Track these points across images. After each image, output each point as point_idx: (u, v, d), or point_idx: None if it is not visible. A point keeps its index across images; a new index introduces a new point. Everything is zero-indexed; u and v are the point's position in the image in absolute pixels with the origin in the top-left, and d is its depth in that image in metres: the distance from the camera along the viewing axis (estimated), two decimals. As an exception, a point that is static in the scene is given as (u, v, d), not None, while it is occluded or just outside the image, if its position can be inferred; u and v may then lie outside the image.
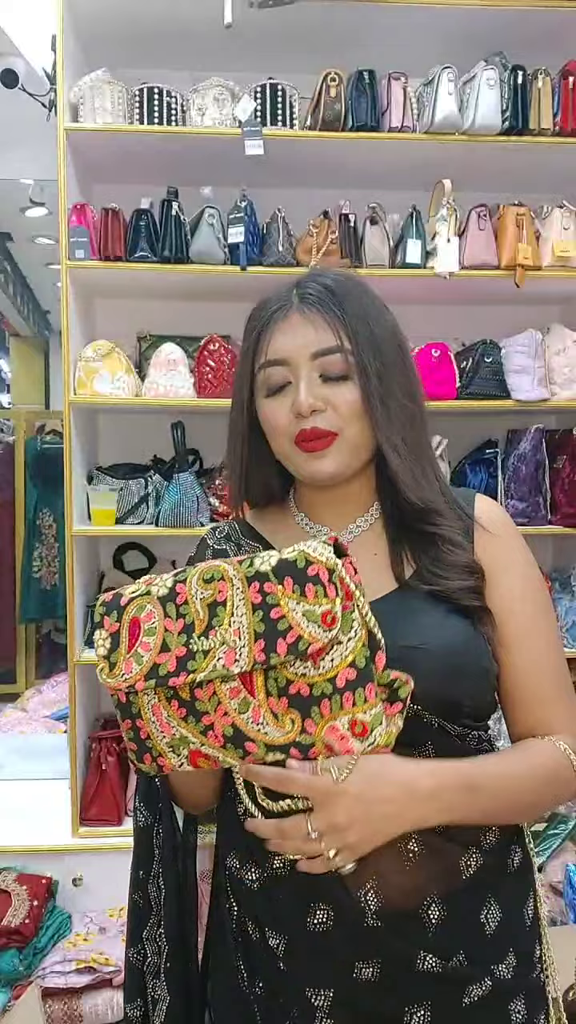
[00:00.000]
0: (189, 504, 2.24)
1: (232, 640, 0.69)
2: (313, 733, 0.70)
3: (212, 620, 0.71)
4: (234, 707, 0.71)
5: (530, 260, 2.23)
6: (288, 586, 0.69)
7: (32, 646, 3.76)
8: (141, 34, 2.27)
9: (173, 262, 2.20)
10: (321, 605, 0.68)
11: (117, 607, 0.75)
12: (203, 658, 0.70)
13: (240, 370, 0.95)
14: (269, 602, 0.69)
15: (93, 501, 2.32)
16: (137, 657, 0.73)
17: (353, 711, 0.69)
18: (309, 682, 0.69)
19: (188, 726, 0.73)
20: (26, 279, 4.27)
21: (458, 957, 0.84)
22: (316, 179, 2.40)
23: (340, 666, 0.69)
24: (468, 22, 2.21)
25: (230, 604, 0.70)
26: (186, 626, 0.71)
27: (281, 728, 0.70)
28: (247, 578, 0.71)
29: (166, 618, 0.72)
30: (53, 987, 1.96)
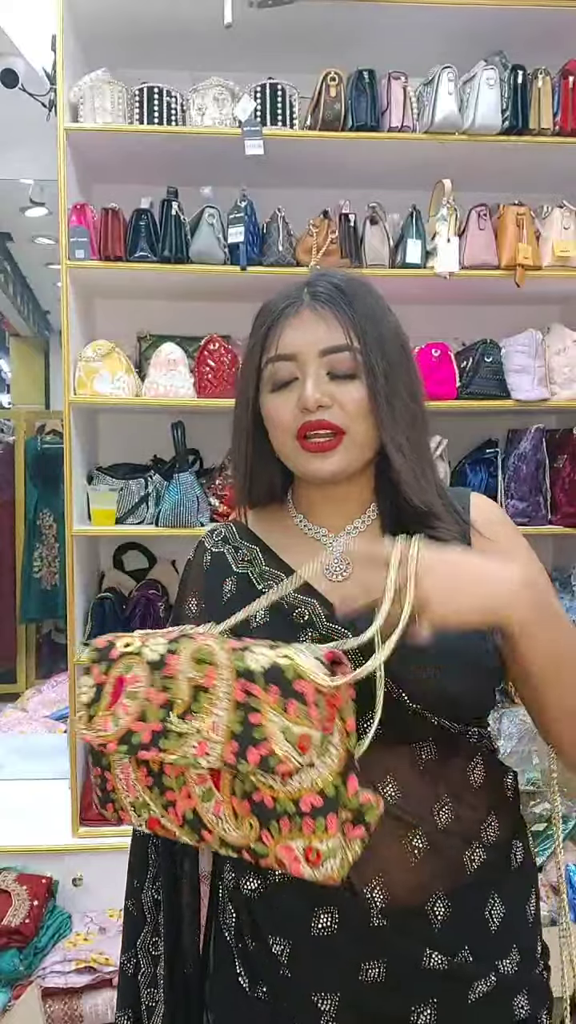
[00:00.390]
0: (189, 504, 2.24)
1: (208, 733, 0.68)
2: (268, 845, 0.68)
3: (193, 704, 0.69)
4: (198, 793, 0.70)
5: (530, 260, 2.23)
6: (273, 695, 0.67)
7: (32, 646, 3.76)
8: (141, 34, 2.27)
9: (173, 262, 2.20)
10: (300, 725, 0.66)
11: (107, 659, 0.74)
12: (176, 740, 0.69)
13: (246, 365, 0.95)
14: (251, 705, 0.67)
15: (93, 501, 2.32)
16: (115, 717, 0.72)
17: (310, 838, 0.66)
18: (273, 795, 0.67)
19: (152, 795, 0.72)
20: (26, 279, 4.27)
21: (463, 954, 0.84)
22: (316, 179, 2.40)
23: (306, 790, 0.67)
24: (468, 22, 2.21)
25: (214, 694, 0.68)
26: (168, 702, 0.70)
27: (239, 829, 0.69)
28: (237, 671, 0.69)
29: (151, 687, 0.71)
30: (53, 987, 1.96)
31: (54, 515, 3.51)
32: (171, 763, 0.70)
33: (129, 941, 1.00)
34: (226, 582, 0.97)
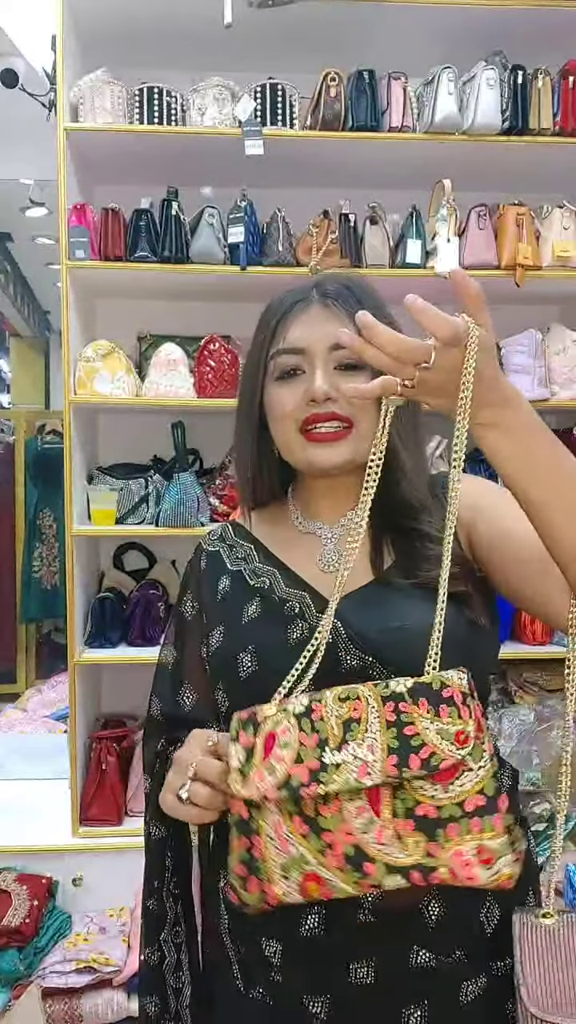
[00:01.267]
0: (189, 504, 2.24)
1: (365, 754, 0.70)
2: (437, 856, 0.69)
3: (346, 735, 0.72)
4: (358, 825, 0.71)
5: (530, 260, 2.23)
6: (423, 706, 0.70)
7: (32, 646, 3.76)
8: (141, 34, 2.27)
9: (173, 262, 2.20)
10: (455, 724, 0.69)
11: (254, 723, 0.76)
12: (335, 771, 0.71)
13: (251, 358, 0.97)
14: (403, 720, 0.70)
15: (93, 501, 2.32)
16: (271, 768, 0.73)
17: (481, 836, 0.68)
18: (437, 804, 0.69)
19: (307, 844, 0.73)
20: (26, 279, 4.27)
21: (455, 955, 0.84)
22: (316, 179, 2.40)
23: (470, 791, 0.69)
24: (468, 22, 2.21)
25: (364, 721, 0.71)
26: (320, 740, 0.72)
27: (404, 850, 0.70)
28: (382, 698, 0.72)
29: (301, 732, 0.73)
30: (53, 987, 1.96)
31: (54, 515, 3.51)
32: (329, 797, 0.71)
33: (151, 937, 1.02)
34: (221, 580, 0.99)
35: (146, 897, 1.03)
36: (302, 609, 0.91)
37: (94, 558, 2.58)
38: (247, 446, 0.98)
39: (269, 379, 0.94)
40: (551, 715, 2.29)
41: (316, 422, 0.89)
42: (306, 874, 0.72)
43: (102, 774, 2.29)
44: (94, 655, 2.29)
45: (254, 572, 0.97)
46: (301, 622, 0.90)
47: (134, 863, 2.38)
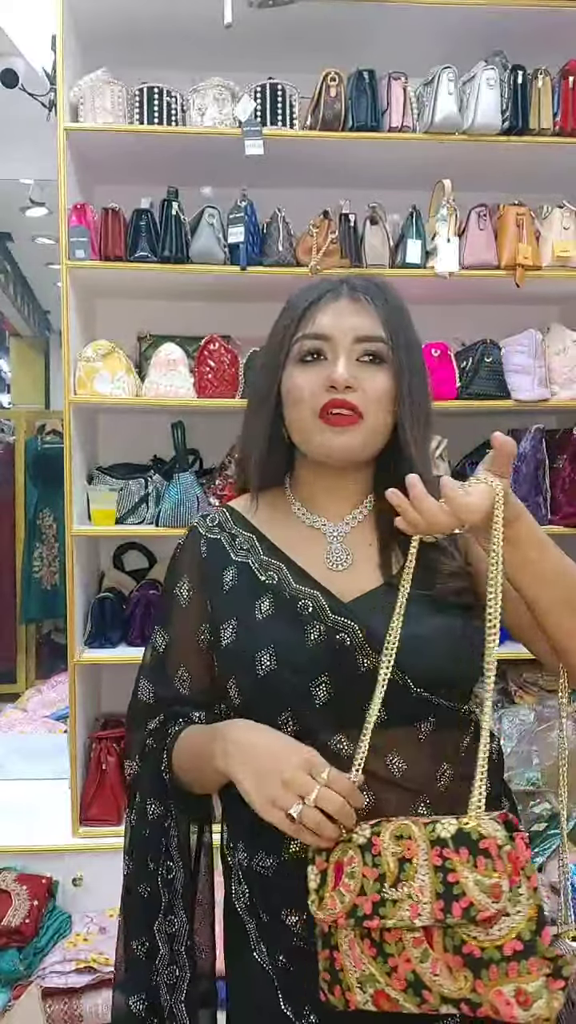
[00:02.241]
0: (189, 504, 2.24)
1: (416, 896, 0.76)
2: (482, 993, 0.74)
3: (401, 874, 0.78)
4: (416, 955, 0.77)
5: (530, 260, 2.23)
6: (463, 855, 0.75)
7: (32, 646, 3.76)
8: (141, 34, 2.27)
9: (173, 262, 2.20)
10: (491, 877, 0.73)
11: (326, 849, 0.83)
12: (392, 906, 0.77)
13: (272, 343, 0.99)
14: (447, 867, 0.75)
15: (93, 501, 2.32)
16: (340, 895, 0.80)
17: (518, 981, 0.72)
18: (480, 945, 0.74)
19: (376, 965, 0.79)
20: (26, 279, 4.27)
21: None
22: (316, 179, 2.40)
23: (507, 937, 0.73)
24: (468, 22, 2.21)
25: (415, 862, 0.77)
26: (380, 875, 0.79)
27: (455, 983, 0.75)
28: (431, 841, 0.77)
29: (364, 865, 0.80)
30: (53, 987, 1.96)
31: (54, 515, 3.51)
32: (391, 927, 0.77)
33: (141, 925, 1.02)
34: (226, 571, 0.99)
35: (134, 882, 1.03)
36: (316, 610, 0.92)
37: (94, 558, 2.58)
38: (261, 428, 0.99)
39: (291, 361, 0.95)
40: (551, 715, 2.29)
41: (333, 407, 0.91)
42: (377, 991, 0.79)
43: (102, 774, 2.29)
44: (94, 655, 2.29)
45: (261, 565, 0.97)
46: (317, 623, 0.91)
47: (134, 863, 2.36)
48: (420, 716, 0.91)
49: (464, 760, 0.92)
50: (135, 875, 1.04)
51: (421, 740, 0.91)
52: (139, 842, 1.05)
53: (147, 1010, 0.99)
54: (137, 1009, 0.99)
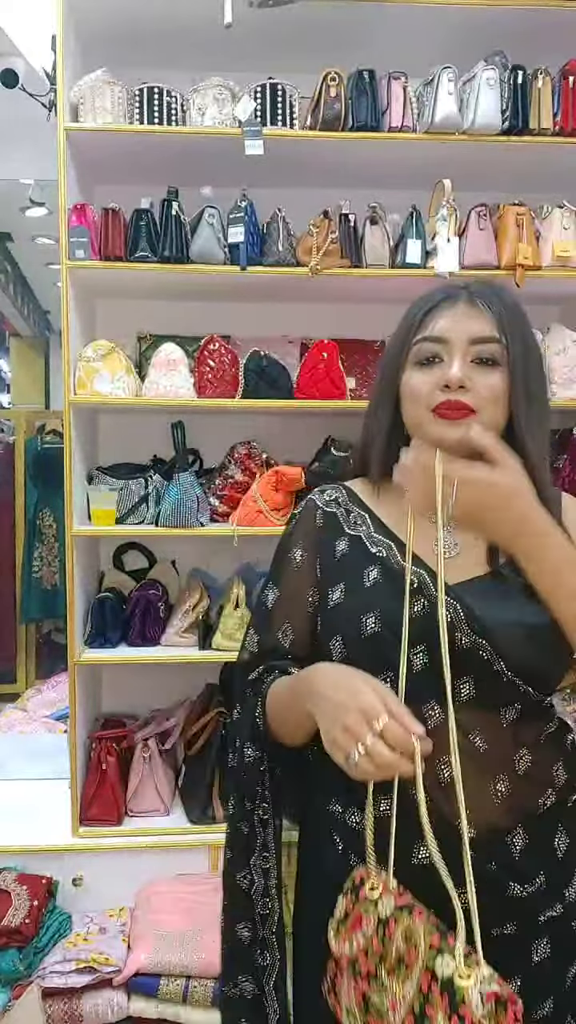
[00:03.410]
0: (189, 504, 2.24)
1: (399, 998, 0.84)
2: None
3: (396, 969, 0.86)
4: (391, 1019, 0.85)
5: (530, 260, 2.23)
6: (444, 1003, 0.80)
7: (32, 646, 3.76)
8: (141, 34, 2.27)
9: (173, 262, 2.20)
10: None
11: (356, 894, 0.92)
12: (380, 989, 0.86)
13: (394, 344, 1.07)
14: (429, 999, 0.81)
15: (93, 501, 2.32)
16: (350, 941, 0.90)
17: None
18: None
19: (359, 1009, 0.89)
20: (26, 279, 4.27)
21: (539, 880, 1.00)
22: (316, 179, 2.40)
23: None
24: (468, 22, 2.21)
25: (410, 973, 0.84)
26: (382, 955, 0.87)
27: None
28: (426, 965, 0.83)
29: (375, 935, 0.88)
30: (53, 987, 1.96)
31: (54, 515, 3.51)
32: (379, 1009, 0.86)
33: (242, 859, 1.13)
34: (339, 541, 1.09)
35: (235, 821, 1.12)
36: (420, 585, 1.01)
37: (94, 558, 2.58)
38: (383, 422, 1.08)
39: (409, 362, 1.03)
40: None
41: (446, 408, 0.98)
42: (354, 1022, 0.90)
43: (102, 774, 2.29)
44: (94, 655, 2.29)
45: (372, 540, 1.07)
46: (421, 598, 1.00)
47: (134, 863, 2.40)
48: (507, 702, 0.99)
49: (541, 748, 1.01)
50: (236, 814, 1.13)
51: (504, 726, 0.99)
52: (238, 784, 1.14)
53: (250, 939, 1.13)
54: (242, 936, 1.13)
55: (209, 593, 2.45)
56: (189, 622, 2.35)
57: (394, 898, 0.90)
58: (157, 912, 2.14)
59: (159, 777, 2.34)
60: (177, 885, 2.22)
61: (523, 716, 1.00)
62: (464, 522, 0.94)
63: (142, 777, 2.33)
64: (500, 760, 0.99)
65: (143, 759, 2.33)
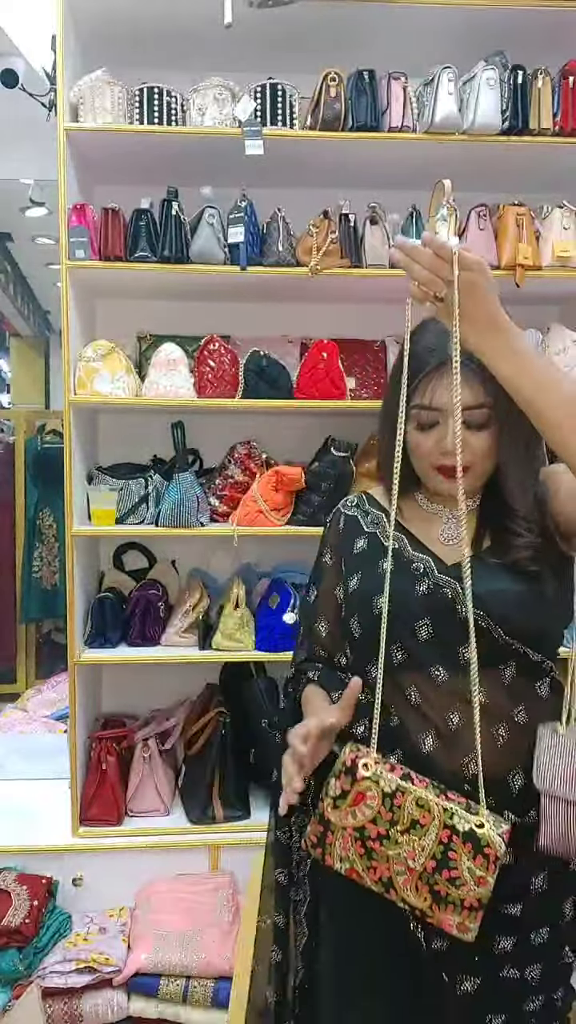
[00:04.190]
0: (189, 504, 2.24)
1: (416, 849, 1.01)
2: (434, 914, 1.02)
3: (411, 829, 1.02)
4: (395, 870, 1.03)
5: (530, 260, 2.23)
6: (468, 848, 0.99)
7: (32, 646, 3.76)
8: (141, 34, 2.27)
9: (173, 262, 2.20)
10: (482, 871, 0.99)
11: (352, 775, 1.05)
12: (394, 844, 1.02)
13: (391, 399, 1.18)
14: (451, 847, 1.00)
15: (93, 501, 2.32)
16: (353, 814, 1.04)
17: (465, 919, 1.00)
18: (448, 892, 1.00)
19: (360, 860, 1.05)
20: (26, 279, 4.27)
21: (532, 814, 1.12)
22: (316, 179, 2.40)
23: (470, 896, 1.00)
24: (468, 22, 2.21)
25: (427, 829, 1.01)
26: (393, 819, 1.02)
27: (417, 898, 1.02)
28: (444, 823, 1.00)
29: (382, 806, 1.03)
30: (53, 987, 1.96)
31: (54, 515, 3.51)
32: (389, 856, 1.02)
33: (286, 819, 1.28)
34: (359, 539, 1.27)
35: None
36: (426, 570, 1.18)
37: (94, 558, 2.58)
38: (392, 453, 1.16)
39: (410, 424, 1.18)
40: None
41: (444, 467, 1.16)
42: (352, 869, 1.05)
43: (102, 774, 2.29)
44: (94, 655, 2.29)
45: (386, 535, 1.22)
46: (427, 579, 1.18)
47: (134, 863, 2.40)
48: (504, 661, 1.14)
49: (537, 702, 1.16)
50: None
51: (504, 684, 1.14)
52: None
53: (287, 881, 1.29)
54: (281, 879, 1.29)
55: (209, 593, 2.45)
56: (189, 622, 2.35)
57: (394, 774, 1.04)
58: (157, 912, 2.14)
59: (159, 777, 2.34)
60: (177, 885, 2.22)
61: (519, 676, 1.15)
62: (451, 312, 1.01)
63: (142, 777, 2.34)
64: (500, 712, 1.13)
65: (143, 759, 2.34)
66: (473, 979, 1.12)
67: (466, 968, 1.12)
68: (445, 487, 1.19)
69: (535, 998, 1.15)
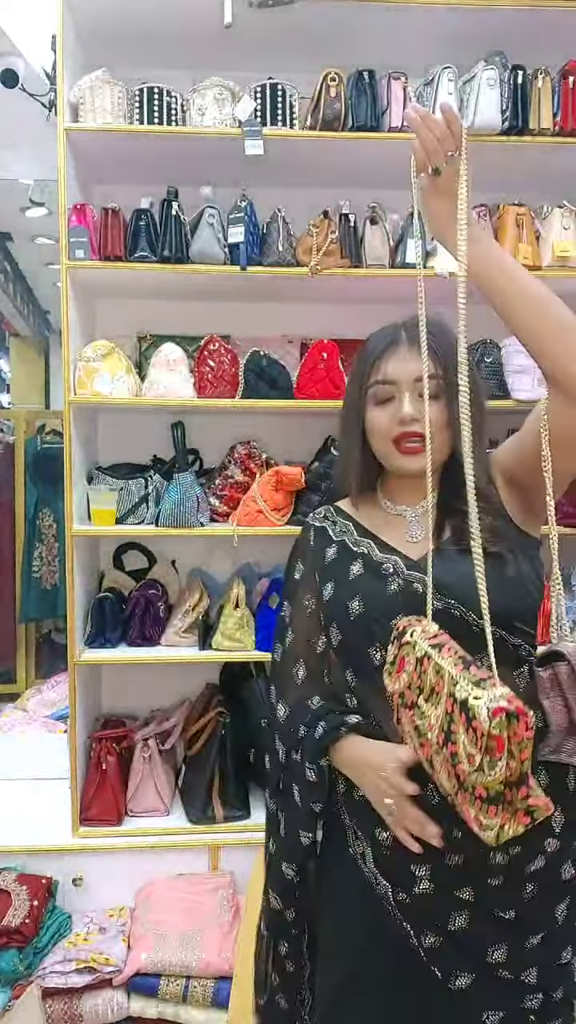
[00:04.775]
0: (189, 504, 2.24)
1: (430, 718, 1.01)
2: (459, 803, 0.98)
3: (430, 697, 1.02)
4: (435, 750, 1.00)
5: (530, 260, 2.23)
6: (462, 721, 0.95)
7: (32, 646, 3.77)
8: (141, 34, 2.27)
9: (173, 262, 2.20)
10: (472, 747, 0.93)
11: (399, 637, 1.08)
12: (421, 715, 1.03)
13: (353, 387, 1.28)
14: (452, 718, 0.97)
15: (93, 501, 2.32)
16: (397, 679, 1.08)
17: (479, 812, 0.95)
18: (463, 776, 0.95)
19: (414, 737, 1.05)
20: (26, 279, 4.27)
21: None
22: (316, 179, 2.40)
23: (478, 783, 0.93)
24: (468, 22, 2.21)
25: (438, 698, 1.00)
26: (421, 686, 1.04)
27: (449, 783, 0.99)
28: (449, 692, 0.98)
29: (414, 671, 1.05)
30: (53, 987, 1.96)
31: (54, 515, 3.52)
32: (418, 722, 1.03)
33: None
34: (329, 548, 1.29)
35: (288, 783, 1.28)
36: (395, 569, 1.21)
37: (94, 558, 2.58)
38: (353, 452, 1.28)
39: (369, 403, 1.24)
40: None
41: (403, 438, 1.20)
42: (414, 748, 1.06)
43: (102, 774, 2.29)
44: (94, 655, 2.29)
45: (355, 542, 1.27)
46: (397, 578, 1.20)
47: (134, 863, 2.40)
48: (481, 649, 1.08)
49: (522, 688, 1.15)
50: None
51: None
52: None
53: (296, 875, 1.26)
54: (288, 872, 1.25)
55: (209, 593, 2.45)
56: (189, 622, 2.35)
57: (427, 639, 1.05)
58: (157, 912, 2.14)
59: (159, 777, 2.34)
60: (177, 885, 2.22)
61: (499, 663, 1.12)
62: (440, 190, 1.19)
63: (142, 777, 2.34)
64: None
65: (143, 759, 2.34)
66: (468, 975, 1.12)
67: (459, 965, 1.12)
68: (406, 464, 1.21)
69: (533, 996, 1.14)
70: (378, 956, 1.17)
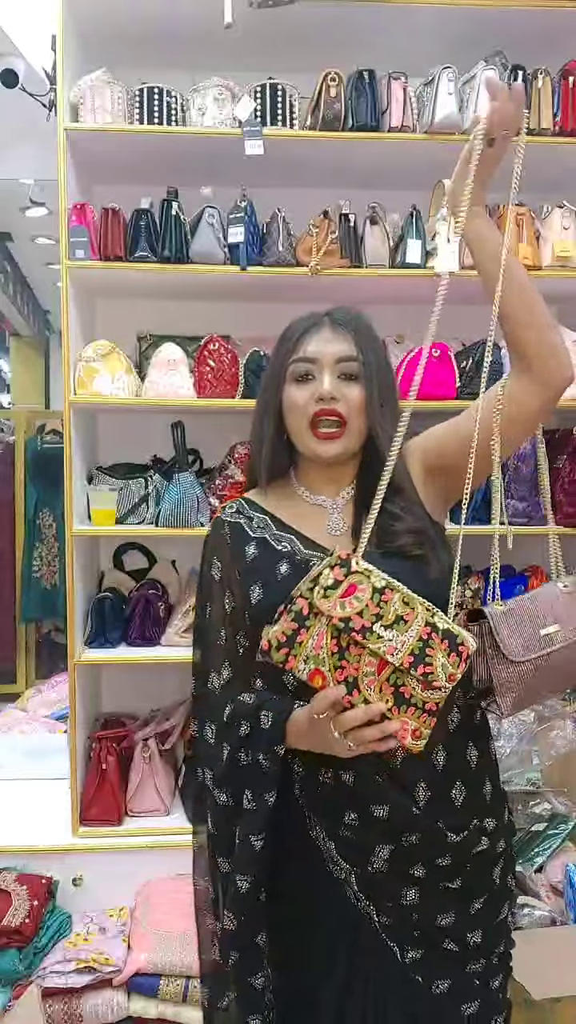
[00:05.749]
0: (189, 504, 2.24)
1: (398, 644, 1.04)
2: (394, 715, 1.05)
3: (395, 624, 1.05)
4: (364, 671, 1.05)
5: (530, 260, 2.23)
6: (444, 645, 1.04)
7: (32, 646, 3.76)
8: (141, 34, 2.27)
9: (173, 262, 2.20)
10: (454, 668, 1.04)
11: (348, 566, 1.06)
12: (376, 638, 1.04)
13: (273, 365, 1.27)
14: (430, 643, 1.04)
15: (93, 501, 2.32)
16: (342, 605, 1.05)
17: (420, 724, 1.05)
18: (413, 693, 1.05)
19: (331, 659, 1.05)
20: (26, 279, 4.27)
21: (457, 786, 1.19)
22: (316, 179, 2.40)
23: (433, 700, 1.05)
24: (468, 22, 2.21)
25: (410, 625, 1.05)
26: (379, 614, 1.05)
27: (378, 698, 1.05)
28: (427, 621, 1.05)
29: (370, 600, 1.05)
30: (53, 987, 1.96)
31: (54, 515, 3.51)
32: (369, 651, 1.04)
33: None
34: (248, 546, 1.24)
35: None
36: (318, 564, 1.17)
37: (94, 558, 2.58)
38: (267, 433, 1.26)
39: (287, 381, 1.23)
40: (551, 715, 2.29)
41: (322, 415, 1.19)
42: (316, 670, 1.06)
43: (102, 774, 2.29)
44: (94, 655, 2.29)
45: (276, 538, 1.23)
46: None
47: (134, 863, 2.40)
48: None
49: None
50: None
51: None
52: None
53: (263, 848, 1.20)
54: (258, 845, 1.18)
55: (209, 593, 2.45)
56: (189, 622, 2.35)
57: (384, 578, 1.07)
58: (157, 912, 2.14)
59: (159, 777, 2.34)
60: (177, 885, 2.22)
61: None
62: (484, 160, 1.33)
63: (142, 777, 2.33)
64: None
65: (143, 759, 2.33)
66: (417, 950, 1.16)
67: (410, 940, 1.16)
68: (321, 448, 1.20)
69: (476, 962, 1.20)
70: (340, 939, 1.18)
